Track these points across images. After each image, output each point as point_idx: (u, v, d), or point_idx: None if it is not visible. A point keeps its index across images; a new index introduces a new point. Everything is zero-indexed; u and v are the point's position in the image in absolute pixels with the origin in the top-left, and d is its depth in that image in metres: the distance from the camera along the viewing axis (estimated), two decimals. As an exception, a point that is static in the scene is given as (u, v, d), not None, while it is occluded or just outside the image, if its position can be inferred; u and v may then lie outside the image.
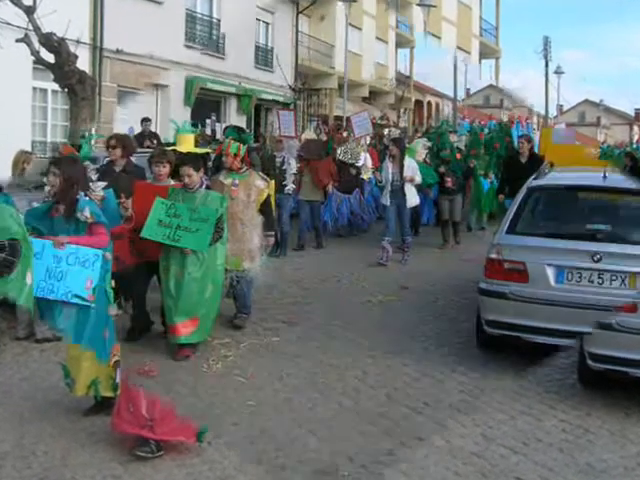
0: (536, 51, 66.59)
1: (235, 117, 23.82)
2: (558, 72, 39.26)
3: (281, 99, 26.15)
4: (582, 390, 5.51)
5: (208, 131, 21.44)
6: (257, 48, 25.44)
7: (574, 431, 4.82)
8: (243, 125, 21.69)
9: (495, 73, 38.50)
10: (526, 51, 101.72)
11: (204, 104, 22.79)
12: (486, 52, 37.69)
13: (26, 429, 4.39)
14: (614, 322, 5.07)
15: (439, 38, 31.52)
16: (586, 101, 62.30)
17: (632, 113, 61.24)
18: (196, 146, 8.10)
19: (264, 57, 25.87)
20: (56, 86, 11.62)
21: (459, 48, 34.27)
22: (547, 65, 37.01)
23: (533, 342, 5.63)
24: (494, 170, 13.16)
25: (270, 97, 25.59)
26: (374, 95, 35.10)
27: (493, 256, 5.70)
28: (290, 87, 25.92)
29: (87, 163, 5.48)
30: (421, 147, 12.03)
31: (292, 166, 10.52)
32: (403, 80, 37.69)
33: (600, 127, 50.70)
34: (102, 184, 5.41)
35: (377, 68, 34.86)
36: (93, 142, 6.50)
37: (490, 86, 63.26)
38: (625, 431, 4.83)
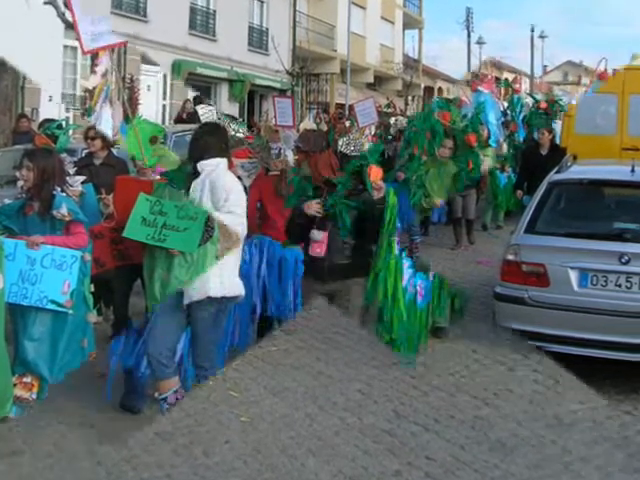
0: (458, 22, 70.30)
1: (227, 104, 23.87)
2: (542, 36, 47.23)
3: (277, 85, 26.21)
4: None
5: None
6: (251, 29, 25.64)
7: (545, 382, 5.42)
8: (235, 113, 21.75)
9: (418, 44, 41.77)
10: (448, 21, 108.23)
11: (195, 90, 22.90)
12: (409, 23, 40.01)
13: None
14: (526, 296, 5.51)
15: (364, 9, 32.98)
16: (568, 62, 69.88)
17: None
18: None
19: (259, 39, 25.93)
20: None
21: (383, 18, 35.63)
22: (469, 35, 43.85)
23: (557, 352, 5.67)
24: (511, 163, 13.12)
25: (265, 83, 25.65)
26: (379, 81, 35.11)
27: (510, 257, 5.71)
28: (287, 72, 25.87)
29: (64, 155, 5.47)
30: None
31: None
32: (411, 64, 37.78)
33: (581, 85, 54.30)
34: (80, 178, 5.42)
35: (382, 51, 34.91)
36: (71, 132, 6.49)
37: (568, 62, 67.42)
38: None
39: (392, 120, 15.53)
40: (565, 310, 5.48)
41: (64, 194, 5.01)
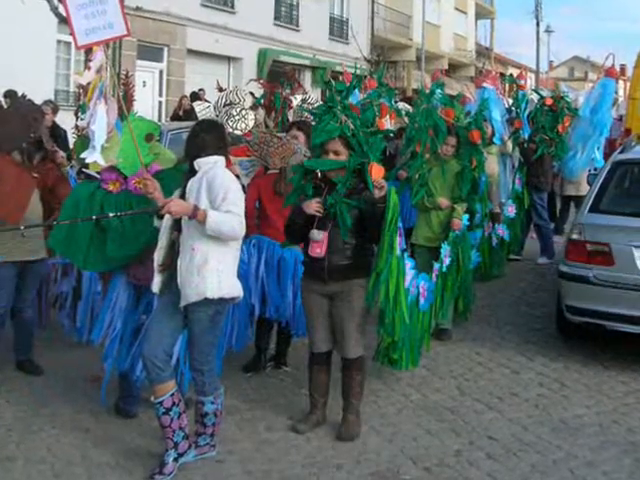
0: (528, 12, 71.60)
1: (310, 90, 24.52)
2: (548, 31, 47.00)
3: (358, 72, 26.57)
4: (560, 341, 6.48)
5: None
6: (332, 19, 27.79)
7: (551, 385, 5.58)
8: (318, 98, 21.90)
9: (490, 34, 44.42)
10: (518, 11, 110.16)
11: (277, 77, 23.22)
12: (482, 13, 42.54)
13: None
14: (591, 275, 5.68)
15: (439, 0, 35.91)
16: (575, 57, 70.09)
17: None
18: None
19: (339, 28, 28.14)
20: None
21: (456, 9, 38.42)
22: (538, 25, 43.42)
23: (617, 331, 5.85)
24: (520, 174, 12.86)
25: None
26: (453, 68, 37.46)
27: (575, 237, 5.82)
28: (365, 59, 27.01)
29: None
30: None
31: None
32: (484, 52, 39.75)
33: (587, 82, 54.77)
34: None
35: (456, 40, 37.93)
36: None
37: (574, 58, 67.95)
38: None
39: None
40: (630, 289, 5.54)
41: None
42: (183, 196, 4.24)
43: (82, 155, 4.62)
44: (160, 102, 21.14)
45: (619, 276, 5.69)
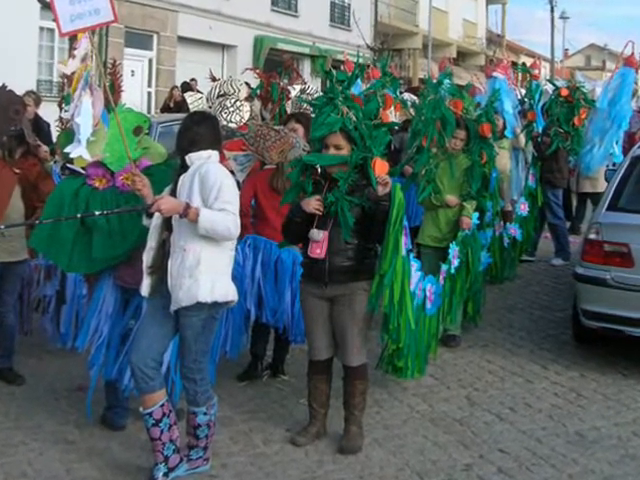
0: None
1: (309, 80, 24.44)
2: (563, 17, 46.91)
3: (360, 60, 26.57)
4: (576, 348, 6.47)
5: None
6: (333, 5, 27.83)
7: (566, 395, 5.57)
8: (318, 88, 21.92)
9: (502, 19, 44.53)
10: None
11: (275, 66, 23.27)
12: None
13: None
14: (609, 278, 5.68)
15: (447, -17, 36.13)
16: (592, 45, 70.05)
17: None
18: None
19: (340, 14, 28.19)
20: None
21: None
22: (553, 10, 43.26)
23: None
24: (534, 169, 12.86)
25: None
26: (462, 56, 37.50)
27: (592, 237, 5.81)
28: (369, 47, 26.99)
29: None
30: None
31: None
32: (495, 39, 39.83)
33: (605, 71, 54.85)
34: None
35: (465, 26, 37.93)
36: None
37: (591, 46, 68.20)
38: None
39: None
40: None
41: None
42: (174, 193, 4.23)
43: (66, 149, 4.61)
44: (149, 93, 21.14)
45: (639, 278, 5.69)
